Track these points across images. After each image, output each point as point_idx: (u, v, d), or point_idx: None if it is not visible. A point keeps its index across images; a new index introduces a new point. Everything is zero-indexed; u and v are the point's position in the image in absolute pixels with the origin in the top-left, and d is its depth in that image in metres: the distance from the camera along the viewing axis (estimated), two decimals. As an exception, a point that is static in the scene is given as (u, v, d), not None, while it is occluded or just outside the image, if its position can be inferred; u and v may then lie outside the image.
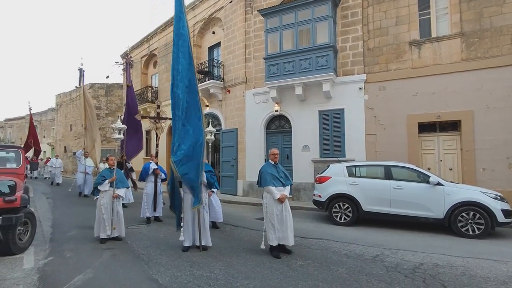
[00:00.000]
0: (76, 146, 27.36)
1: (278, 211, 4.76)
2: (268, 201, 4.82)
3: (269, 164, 5.05)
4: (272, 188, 4.76)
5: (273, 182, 4.79)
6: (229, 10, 13.03)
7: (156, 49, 17.83)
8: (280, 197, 4.72)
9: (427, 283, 3.69)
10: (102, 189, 5.69)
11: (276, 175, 4.86)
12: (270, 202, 4.79)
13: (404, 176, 6.76)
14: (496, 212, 5.81)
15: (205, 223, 5.12)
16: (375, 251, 5.02)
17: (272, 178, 4.80)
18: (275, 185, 4.79)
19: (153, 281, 3.76)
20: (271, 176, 4.81)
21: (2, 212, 4.45)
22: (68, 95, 29.37)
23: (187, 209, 5.10)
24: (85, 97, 12.27)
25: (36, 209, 8.31)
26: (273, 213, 4.75)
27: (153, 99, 17.45)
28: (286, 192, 4.87)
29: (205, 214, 5.20)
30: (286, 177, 4.96)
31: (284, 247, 4.85)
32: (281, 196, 4.73)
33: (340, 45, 10.06)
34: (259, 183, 5.04)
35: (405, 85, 8.95)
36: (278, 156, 5.09)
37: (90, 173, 12.07)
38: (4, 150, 6.34)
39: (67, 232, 6.30)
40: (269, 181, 4.77)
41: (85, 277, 3.89)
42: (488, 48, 8.02)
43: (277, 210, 4.76)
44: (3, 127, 43.32)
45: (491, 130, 7.87)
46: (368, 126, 9.45)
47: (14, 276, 3.91)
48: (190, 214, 5.09)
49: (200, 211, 5.07)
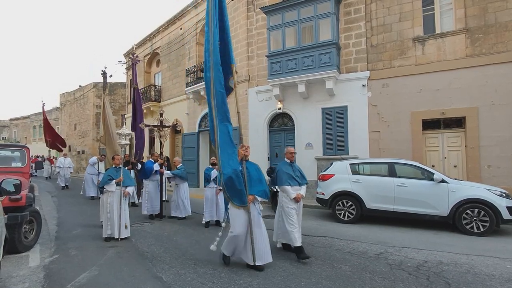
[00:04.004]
0: (80, 145, 27.57)
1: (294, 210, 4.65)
2: (286, 201, 4.68)
3: (285, 163, 4.92)
4: (287, 187, 4.65)
5: (289, 182, 4.67)
6: (231, 8, 12.98)
7: (159, 48, 17.84)
8: (296, 196, 4.62)
9: (431, 281, 3.67)
10: (109, 189, 5.69)
11: (292, 174, 4.73)
12: (288, 202, 4.64)
13: (408, 173, 6.72)
14: (501, 209, 5.76)
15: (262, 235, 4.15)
16: (379, 248, 5.00)
17: (288, 177, 4.69)
18: (291, 184, 4.68)
19: (157, 279, 3.78)
20: (287, 176, 4.69)
21: (8, 210, 4.49)
22: (72, 95, 29.55)
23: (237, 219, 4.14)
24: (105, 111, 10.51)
25: (41, 207, 8.39)
26: (293, 213, 4.60)
27: (156, 98, 17.50)
28: (302, 191, 4.75)
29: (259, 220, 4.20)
30: (302, 176, 4.84)
31: (289, 246, 4.80)
32: (297, 196, 4.62)
33: (343, 42, 10.00)
34: (275, 183, 4.86)
35: (408, 81, 8.89)
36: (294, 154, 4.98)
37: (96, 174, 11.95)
38: (9, 150, 6.41)
39: (72, 231, 6.35)
40: (285, 181, 4.66)
41: (90, 275, 3.93)
42: (493, 43, 7.93)
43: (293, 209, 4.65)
44: (8, 127, 43.73)
45: (496, 126, 7.79)
46: (372, 123, 9.40)
47: (20, 273, 3.95)
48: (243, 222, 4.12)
49: (254, 220, 4.11)
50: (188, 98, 14.70)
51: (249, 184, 4.15)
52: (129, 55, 19.55)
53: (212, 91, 4.28)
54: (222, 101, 4.30)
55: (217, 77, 4.26)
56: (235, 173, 4.04)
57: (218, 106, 4.27)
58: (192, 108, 14.94)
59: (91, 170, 11.26)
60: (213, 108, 4.28)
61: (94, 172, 11.16)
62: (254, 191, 4.18)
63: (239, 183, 4.04)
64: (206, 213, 6.80)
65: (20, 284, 3.63)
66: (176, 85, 16.40)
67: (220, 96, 4.29)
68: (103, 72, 11.92)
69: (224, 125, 4.29)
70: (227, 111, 4.29)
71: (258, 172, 4.38)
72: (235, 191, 4.08)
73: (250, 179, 4.20)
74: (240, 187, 4.04)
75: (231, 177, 4.02)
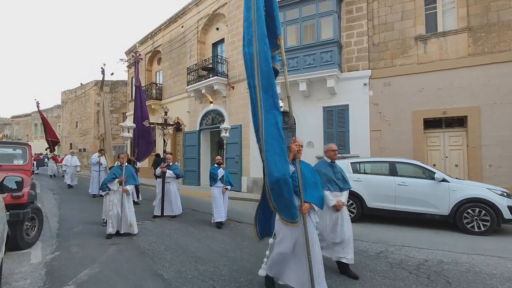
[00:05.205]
0: (81, 143, 27.62)
1: (332, 221, 3.87)
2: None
3: (324, 162, 4.11)
4: (326, 192, 3.80)
5: (328, 186, 3.86)
6: (233, 6, 12.97)
7: (160, 46, 17.84)
8: (336, 204, 3.80)
9: (432, 280, 3.67)
10: (112, 187, 5.78)
11: (333, 177, 3.94)
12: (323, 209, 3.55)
13: (409, 172, 6.72)
14: (502, 209, 5.76)
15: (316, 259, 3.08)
16: (379, 247, 5.01)
17: (327, 180, 3.88)
18: (331, 189, 3.87)
19: (158, 276, 3.79)
20: (326, 178, 3.89)
21: (10, 207, 4.51)
22: (73, 92, 29.60)
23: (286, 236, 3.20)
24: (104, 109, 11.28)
25: (43, 205, 8.42)
26: (325, 224, 3.86)
27: (157, 96, 17.51)
28: (344, 198, 3.90)
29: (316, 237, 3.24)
30: (344, 180, 4.02)
31: (342, 264, 3.84)
32: (337, 203, 3.80)
33: (344, 40, 9.97)
34: None
35: (410, 80, 8.87)
36: (337, 152, 4.13)
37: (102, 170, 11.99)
38: (11, 147, 6.43)
39: (74, 228, 6.37)
40: (323, 184, 3.75)
41: (91, 272, 3.94)
42: (495, 42, 7.90)
43: (331, 219, 3.87)
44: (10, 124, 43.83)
45: (498, 126, 7.77)
46: (373, 122, 9.39)
47: (22, 270, 3.97)
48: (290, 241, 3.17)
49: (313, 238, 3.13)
50: (189, 96, 14.70)
51: (303, 188, 3.16)
52: (130, 53, 19.55)
53: (256, 70, 3.26)
54: (269, 83, 3.22)
55: (263, 52, 3.23)
56: (283, 178, 3.00)
57: (265, 89, 3.21)
58: (193, 106, 14.94)
59: (95, 168, 11.33)
60: (257, 92, 3.23)
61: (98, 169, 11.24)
62: (309, 197, 3.17)
63: (288, 192, 3.02)
64: (215, 213, 6.63)
65: (22, 281, 3.65)
66: (177, 83, 16.41)
67: (266, 76, 3.22)
68: (102, 69, 11.90)
69: (272, 114, 3.21)
70: (275, 95, 3.21)
71: (313, 174, 3.44)
72: (283, 201, 3.08)
73: (305, 183, 3.21)
74: (289, 197, 3.03)
75: (279, 182, 2.99)
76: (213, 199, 6.73)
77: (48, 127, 18.05)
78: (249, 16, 3.37)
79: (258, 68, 3.25)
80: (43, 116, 18.71)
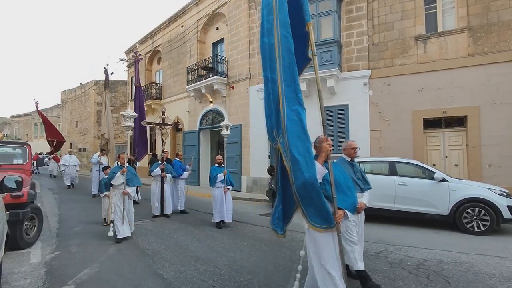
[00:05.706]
0: (81, 143, 27.61)
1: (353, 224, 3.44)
2: None
3: (343, 160, 3.76)
4: None
5: None
6: (232, 5, 12.96)
7: (160, 45, 17.84)
8: (358, 205, 3.33)
9: (431, 279, 3.68)
10: (115, 183, 5.61)
11: (353, 177, 3.59)
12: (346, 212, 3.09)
13: (408, 172, 6.72)
14: (501, 209, 5.75)
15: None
16: (379, 247, 5.01)
17: None
18: None
19: (157, 276, 3.80)
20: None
21: (10, 207, 4.51)
22: (73, 92, 29.58)
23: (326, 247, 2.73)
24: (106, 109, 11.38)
25: (42, 204, 8.42)
26: (351, 227, 3.39)
27: (157, 96, 17.52)
28: (364, 199, 3.59)
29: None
30: (364, 180, 3.73)
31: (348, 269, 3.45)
32: (358, 205, 3.37)
33: (344, 40, 9.97)
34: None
35: (410, 80, 8.86)
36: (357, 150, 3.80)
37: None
38: (11, 147, 6.43)
39: (74, 227, 6.37)
40: None
41: (91, 272, 3.95)
42: (495, 42, 7.90)
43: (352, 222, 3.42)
44: (9, 124, 43.82)
45: (497, 126, 7.77)
46: (373, 122, 9.39)
47: (22, 270, 3.98)
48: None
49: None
50: (189, 96, 14.70)
51: (336, 193, 2.79)
52: (130, 52, 19.54)
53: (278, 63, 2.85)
54: (292, 76, 2.81)
55: (284, 42, 2.84)
56: (311, 180, 2.58)
57: (287, 83, 2.81)
58: (193, 106, 14.94)
59: (96, 167, 11.23)
60: (279, 87, 2.80)
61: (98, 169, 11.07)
62: (343, 203, 2.86)
63: (316, 195, 2.61)
64: (216, 214, 6.64)
65: (21, 280, 3.65)
66: (177, 83, 16.41)
67: (288, 68, 2.81)
68: (105, 69, 11.88)
69: (294, 111, 2.80)
70: (298, 90, 2.81)
71: (345, 176, 3.16)
72: (312, 205, 2.65)
73: (337, 186, 2.86)
74: (318, 201, 2.62)
75: (305, 184, 2.58)
76: (213, 199, 6.76)
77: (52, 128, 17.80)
78: (269, 1, 2.96)
79: (280, 60, 2.85)
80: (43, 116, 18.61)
